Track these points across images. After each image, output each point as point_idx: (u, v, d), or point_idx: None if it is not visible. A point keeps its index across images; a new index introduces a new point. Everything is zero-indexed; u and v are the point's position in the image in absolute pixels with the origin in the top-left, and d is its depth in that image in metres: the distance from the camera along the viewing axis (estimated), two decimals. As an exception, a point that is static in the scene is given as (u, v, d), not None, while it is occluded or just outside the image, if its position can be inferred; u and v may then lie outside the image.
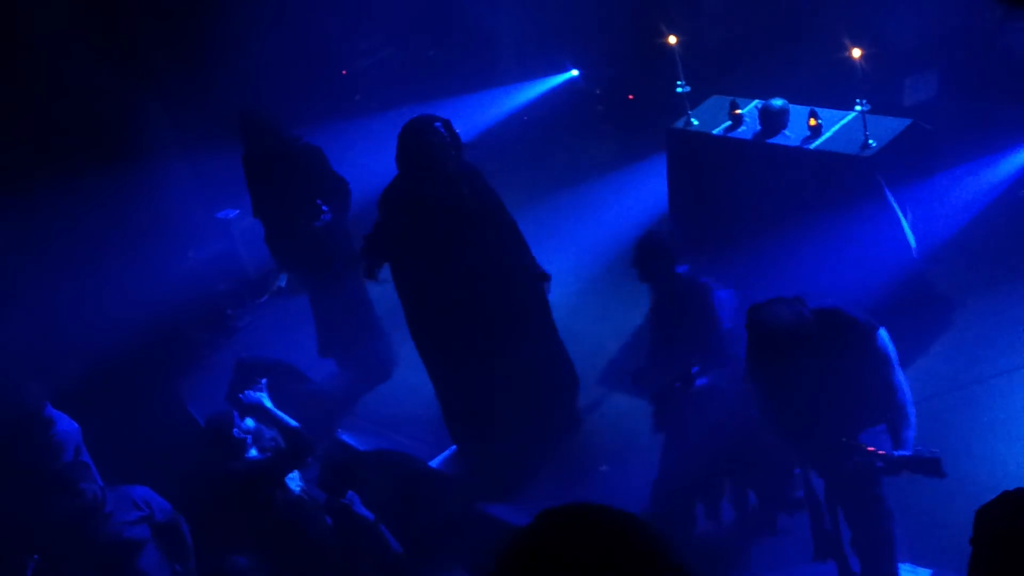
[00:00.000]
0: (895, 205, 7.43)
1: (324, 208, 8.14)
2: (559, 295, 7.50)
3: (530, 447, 7.51)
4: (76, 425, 7.47)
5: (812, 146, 7.65)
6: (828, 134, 7.69)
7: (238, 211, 10.63)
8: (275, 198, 8.39)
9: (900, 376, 5.57)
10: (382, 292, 8.55)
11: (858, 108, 7.30)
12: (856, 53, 6.99)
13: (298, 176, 8.20)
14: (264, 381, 6.80)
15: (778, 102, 7.85)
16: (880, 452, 5.33)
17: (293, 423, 6.53)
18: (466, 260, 7.07)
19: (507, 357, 7.32)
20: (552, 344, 7.54)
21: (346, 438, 8.00)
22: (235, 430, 6.48)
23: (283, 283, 10.67)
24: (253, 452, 6.58)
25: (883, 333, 5.56)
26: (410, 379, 8.84)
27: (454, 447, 7.89)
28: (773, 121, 7.83)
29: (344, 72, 11.95)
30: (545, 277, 7.28)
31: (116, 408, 8.25)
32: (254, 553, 6.46)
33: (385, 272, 7.38)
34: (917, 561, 6.13)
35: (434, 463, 7.79)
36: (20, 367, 8.00)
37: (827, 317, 5.49)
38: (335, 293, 8.66)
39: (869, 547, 5.84)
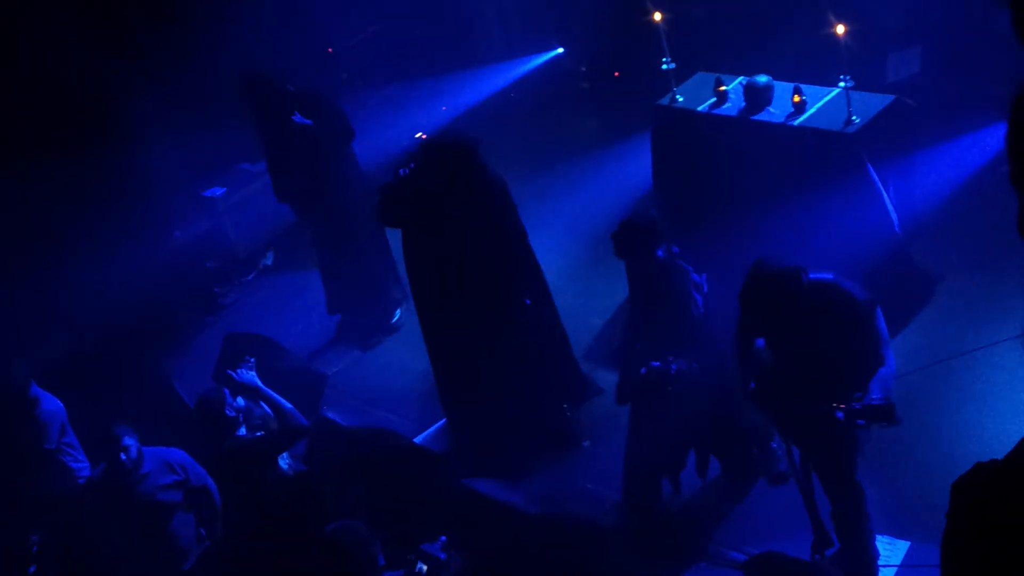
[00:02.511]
0: (878, 181, 7.46)
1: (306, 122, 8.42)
2: (544, 273, 7.53)
3: (519, 430, 7.55)
4: (61, 404, 7.49)
5: (796, 122, 7.67)
6: (812, 110, 7.70)
7: (224, 189, 10.64)
8: (288, 149, 8.58)
9: (890, 352, 5.63)
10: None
11: (842, 84, 7.32)
12: (840, 30, 7.00)
13: (306, 120, 8.46)
14: (252, 360, 6.82)
15: (763, 79, 7.87)
16: (841, 405, 5.40)
17: (287, 404, 6.57)
18: (472, 254, 7.13)
19: (500, 347, 7.38)
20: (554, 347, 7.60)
21: (332, 415, 8.04)
22: (227, 409, 6.51)
23: (270, 261, 10.70)
24: (242, 430, 6.61)
25: (879, 310, 5.61)
26: (396, 356, 8.90)
27: (439, 423, 7.94)
28: (758, 98, 7.84)
29: (330, 50, 11.92)
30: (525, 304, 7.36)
31: (102, 387, 8.27)
32: (244, 529, 6.51)
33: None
34: (896, 534, 6.19)
35: (419, 439, 7.84)
36: (4, 346, 8.01)
37: (825, 290, 5.54)
38: (348, 243, 8.78)
39: (847, 519, 5.91)
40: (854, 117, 7.41)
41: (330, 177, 8.65)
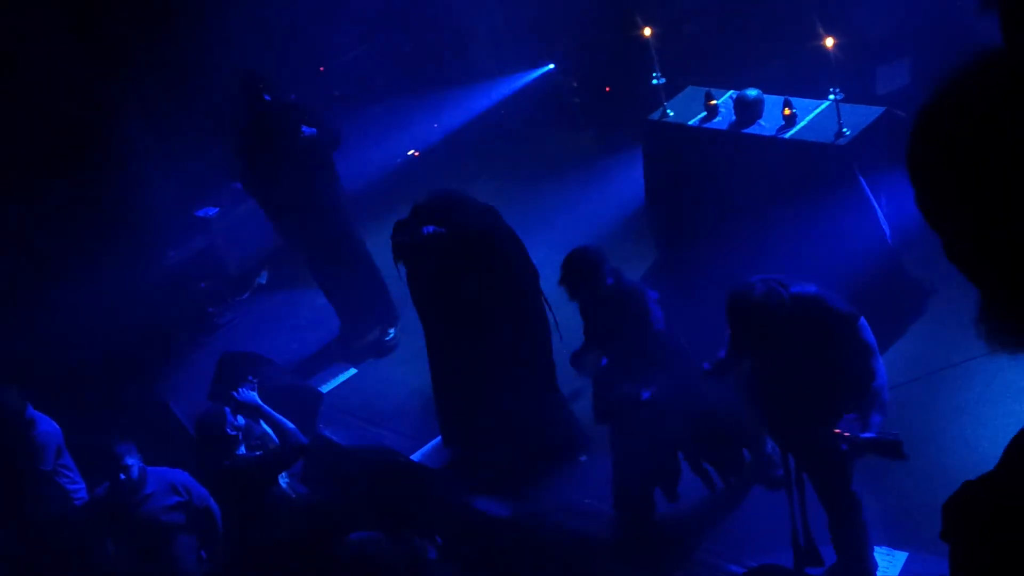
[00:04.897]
0: (869, 192, 7.49)
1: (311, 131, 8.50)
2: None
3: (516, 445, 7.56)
4: (57, 426, 7.48)
5: (787, 135, 7.71)
6: (802, 123, 7.74)
7: (217, 209, 10.65)
8: (275, 158, 8.59)
9: (879, 363, 5.66)
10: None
11: (832, 97, 7.37)
12: (829, 43, 7.05)
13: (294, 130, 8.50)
14: (255, 380, 6.84)
15: (753, 92, 7.90)
16: (845, 434, 5.41)
17: (288, 423, 6.58)
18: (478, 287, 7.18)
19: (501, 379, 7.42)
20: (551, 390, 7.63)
21: (328, 433, 8.03)
22: (228, 428, 6.52)
23: (264, 280, 10.70)
24: (241, 449, 6.62)
25: (863, 322, 5.64)
26: (391, 374, 8.90)
27: (435, 440, 7.95)
28: (748, 111, 7.88)
29: (322, 68, 11.96)
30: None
31: (98, 408, 8.25)
32: (245, 548, 6.51)
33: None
34: (894, 544, 6.21)
35: (416, 456, 7.84)
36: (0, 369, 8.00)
37: (808, 303, 5.56)
38: (340, 255, 8.85)
39: (844, 530, 5.92)
40: (845, 129, 7.45)
41: (321, 188, 8.68)
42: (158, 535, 6.73)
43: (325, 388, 8.88)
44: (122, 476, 6.60)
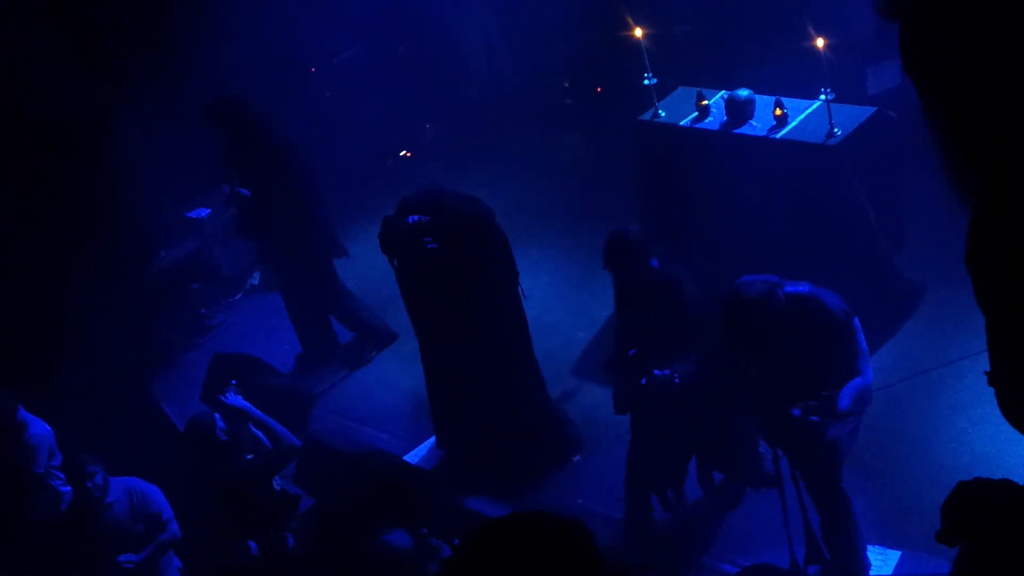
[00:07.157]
0: (860, 192, 7.51)
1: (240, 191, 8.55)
2: (530, 288, 7.54)
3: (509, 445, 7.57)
4: (49, 428, 7.47)
5: (778, 135, 7.72)
6: (794, 123, 7.75)
7: (209, 210, 10.63)
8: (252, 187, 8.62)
9: (868, 365, 5.69)
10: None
11: (823, 97, 7.38)
12: (820, 43, 7.06)
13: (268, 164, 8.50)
14: (235, 382, 6.84)
15: (744, 92, 7.91)
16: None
17: (278, 426, 6.59)
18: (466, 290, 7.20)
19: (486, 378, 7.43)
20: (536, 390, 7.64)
21: (320, 434, 8.02)
22: (219, 432, 6.52)
23: (256, 281, 10.69)
24: (232, 454, 6.62)
25: (857, 323, 5.66)
26: (384, 375, 8.89)
27: (428, 441, 7.95)
28: (739, 111, 7.89)
29: (313, 70, 11.95)
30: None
31: (90, 410, 8.23)
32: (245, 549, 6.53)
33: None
34: (887, 543, 6.22)
35: (409, 457, 7.84)
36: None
37: (802, 303, 5.58)
38: (309, 284, 8.78)
39: (835, 529, 5.93)
40: (836, 129, 7.46)
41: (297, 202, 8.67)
42: (120, 544, 6.75)
43: (318, 389, 8.88)
44: (89, 484, 6.64)
